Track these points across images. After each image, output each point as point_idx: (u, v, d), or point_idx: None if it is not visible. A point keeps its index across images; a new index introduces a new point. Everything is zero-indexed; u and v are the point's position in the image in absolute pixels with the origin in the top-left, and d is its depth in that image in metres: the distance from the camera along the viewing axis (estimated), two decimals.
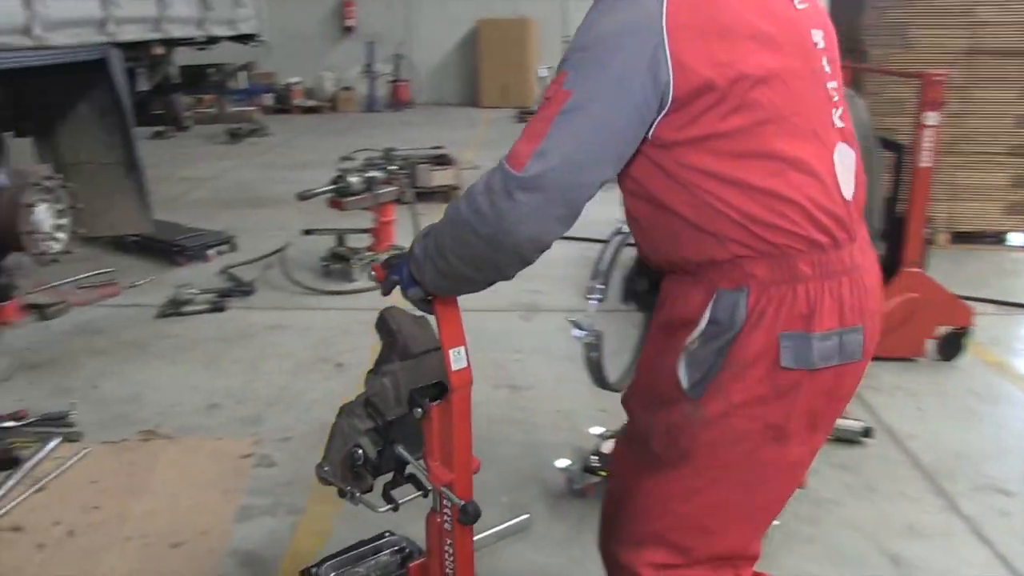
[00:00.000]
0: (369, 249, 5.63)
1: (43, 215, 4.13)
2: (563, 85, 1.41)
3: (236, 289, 5.17)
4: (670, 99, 1.39)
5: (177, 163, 9.47)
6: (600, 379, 2.77)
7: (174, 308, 4.80)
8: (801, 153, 1.46)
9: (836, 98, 1.55)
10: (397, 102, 13.93)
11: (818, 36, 1.53)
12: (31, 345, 4.36)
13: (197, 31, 5.62)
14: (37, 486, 3.04)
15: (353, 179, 5.35)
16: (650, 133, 1.43)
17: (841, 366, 1.52)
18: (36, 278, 4.80)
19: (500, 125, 11.83)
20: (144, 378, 3.95)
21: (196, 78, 7.03)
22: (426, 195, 7.28)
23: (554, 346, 4.28)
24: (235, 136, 11.10)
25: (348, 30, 14.18)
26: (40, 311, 4.71)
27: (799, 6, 1.52)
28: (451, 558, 1.79)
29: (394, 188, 5.56)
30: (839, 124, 1.54)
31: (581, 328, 2.47)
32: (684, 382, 1.55)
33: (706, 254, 1.50)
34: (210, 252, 5.85)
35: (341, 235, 5.67)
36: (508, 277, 1.55)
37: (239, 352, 4.29)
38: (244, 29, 6.41)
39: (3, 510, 2.90)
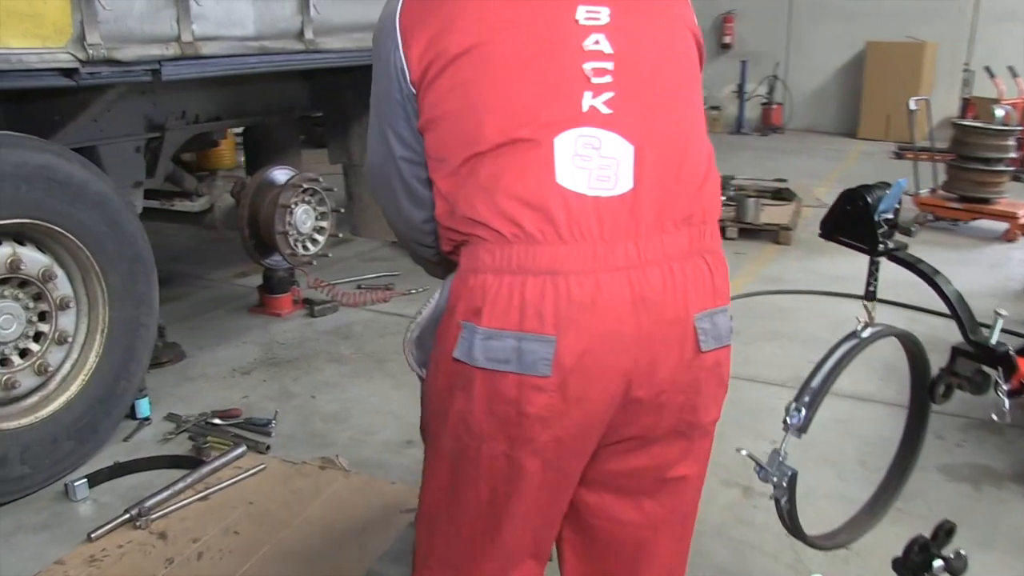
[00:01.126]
0: None
1: (303, 217, 4.18)
2: None
3: None
4: (411, 86, 1.45)
5: None
6: (795, 531, 2.06)
7: None
8: (510, 135, 1.35)
9: (603, 80, 1.37)
10: (766, 126, 13.02)
11: (594, 12, 1.40)
12: (286, 340, 4.47)
13: None
14: (203, 493, 2.99)
15: None
16: (416, 123, 1.47)
17: (524, 378, 1.34)
18: (316, 274, 4.94)
19: (872, 160, 10.52)
20: (360, 396, 3.82)
21: None
22: (750, 232, 6.58)
23: (825, 442, 3.41)
24: None
25: (725, 47, 13.52)
26: (311, 307, 4.84)
27: None
28: None
29: None
30: (599, 108, 1.36)
31: (763, 467, 1.81)
32: (413, 360, 1.61)
33: (443, 236, 1.50)
34: None
35: None
36: (428, 259, 1.67)
37: None
38: None
39: (163, 512, 2.88)
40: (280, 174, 4.21)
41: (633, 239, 1.33)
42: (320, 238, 4.32)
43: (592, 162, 1.33)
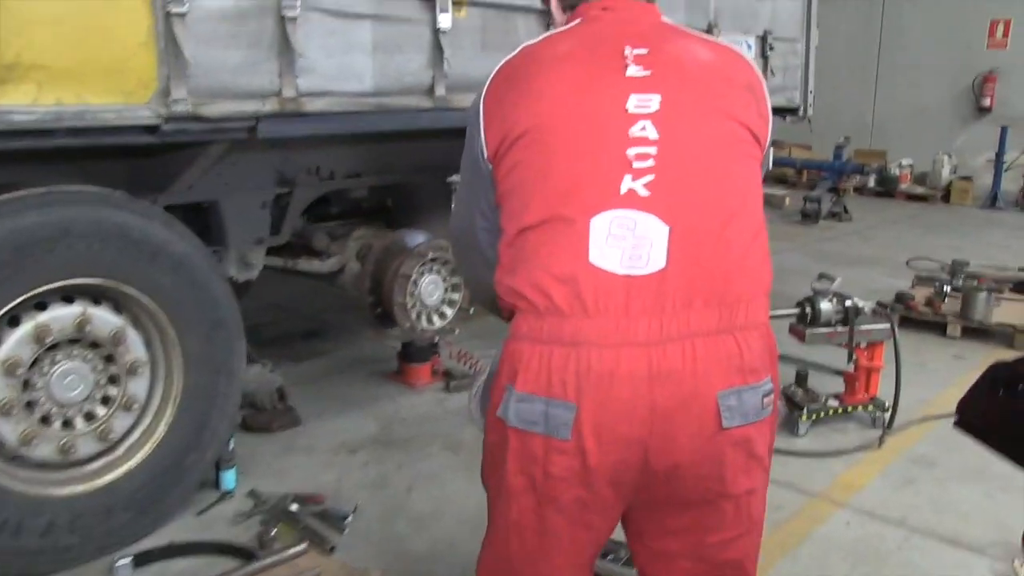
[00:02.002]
0: (836, 398, 4.31)
1: (430, 288, 3.85)
2: None
3: None
4: (488, 162, 1.58)
5: None
6: None
7: None
8: (552, 212, 1.47)
9: (645, 164, 1.46)
10: None
11: (645, 101, 1.49)
12: (409, 416, 4.14)
13: None
14: None
15: (824, 305, 4.14)
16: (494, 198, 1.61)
17: (549, 440, 1.46)
18: (458, 345, 4.60)
19: None
20: (459, 495, 3.37)
21: None
22: (978, 332, 5.56)
23: None
24: (807, 216, 10.08)
25: (983, 111, 11.96)
26: (448, 380, 4.49)
27: (633, 73, 1.52)
28: None
29: (883, 326, 4.16)
30: (638, 191, 1.45)
31: None
32: (476, 415, 1.72)
33: (501, 302, 1.59)
34: None
35: (803, 371, 4.44)
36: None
37: None
38: (775, 102, 5.51)
39: None
40: (411, 239, 3.90)
41: (657, 316, 1.42)
42: (449, 311, 3.97)
43: (626, 242, 1.43)
